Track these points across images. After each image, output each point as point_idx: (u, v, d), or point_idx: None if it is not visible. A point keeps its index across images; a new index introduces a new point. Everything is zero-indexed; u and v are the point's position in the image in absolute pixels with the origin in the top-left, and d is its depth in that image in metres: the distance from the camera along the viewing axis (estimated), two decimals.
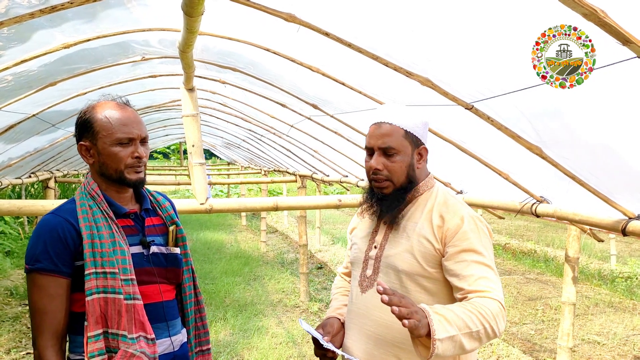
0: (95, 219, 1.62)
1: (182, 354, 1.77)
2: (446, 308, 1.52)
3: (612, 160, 2.28)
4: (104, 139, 1.65)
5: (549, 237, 11.82)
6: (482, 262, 1.64)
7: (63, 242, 1.59)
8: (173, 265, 1.78)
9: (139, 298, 1.61)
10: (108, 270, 1.57)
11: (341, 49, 2.43)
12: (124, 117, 1.67)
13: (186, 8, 1.85)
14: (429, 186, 1.81)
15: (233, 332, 5.71)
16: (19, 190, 11.30)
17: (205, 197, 3.13)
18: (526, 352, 5.36)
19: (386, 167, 1.74)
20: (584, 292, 7.46)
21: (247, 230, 13.36)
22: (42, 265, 1.56)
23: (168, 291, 1.77)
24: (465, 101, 2.46)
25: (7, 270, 7.86)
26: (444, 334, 1.44)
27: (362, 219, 1.94)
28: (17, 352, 5.14)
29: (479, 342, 1.54)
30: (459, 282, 1.64)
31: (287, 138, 6.41)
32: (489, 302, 1.56)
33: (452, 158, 3.31)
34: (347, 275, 2.09)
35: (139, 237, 1.73)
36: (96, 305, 1.55)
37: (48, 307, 1.56)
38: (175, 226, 1.83)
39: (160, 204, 1.85)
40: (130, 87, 4.51)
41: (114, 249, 1.60)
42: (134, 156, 1.68)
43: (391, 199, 1.77)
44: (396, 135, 1.74)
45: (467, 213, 1.72)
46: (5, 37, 2.34)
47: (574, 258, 3.95)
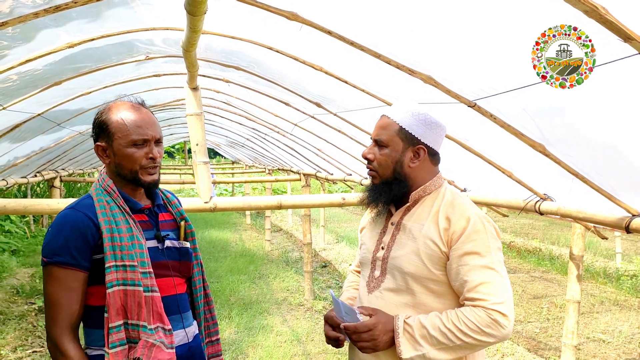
0: (113, 214, 1.66)
1: (196, 345, 1.82)
2: (422, 324, 1.63)
3: (615, 158, 2.28)
4: (119, 140, 1.69)
5: (554, 235, 11.78)
6: (485, 265, 1.62)
7: (83, 236, 1.61)
8: (185, 259, 1.83)
9: (156, 290, 1.65)
10: (127, 263, 1.61)
11: (344, 47, 2.44)
12: (139, 119, 1.70)
13: (189, 7, 1.86)
14: (436, 186, 1.80)
15: (238, 330, 5.73)
16: (25, 190, 11.36)
17: (209, 196, 3.14)
18: (531, 350, 5.35)
19: (376, 159, 1.78)
20: (589, 290, 7.44)
21: (252, 228, 13.38)
22: (61, 258, 1.59)
23: (181, 284, 1.81)
24: (468, 99, 2.46)
25: (13, 269, 7.90)
26: (411, 352, 1.61)
27: (371, 218, 1.94)
28: (24, 350, 5.17)
29: (462, 353, 1.63)
30: (459, 287, 1.65)
31: (290, 137, 6.42)
32: (477, 313, 1.58)
33: (455, 156, 3.31)
34: (359, 273, 2.09)
35: (154, 231, 1.77)
36: (117, 297, 1.58)
37: (64, 300, 1.59)
38: (185, 221, 1.88)
39: (169, 200, 1.91)
40: (134, 87, 4.54)
41: (132, 243, 1.64)
42: (149, 157, 1.71)
43: (377, 191, 1.80)
44: (390, 129, 1.76)
45: (474, 214, 1.69)
46: (10, 36, 2.36)
47: (578, 256, 3.94)
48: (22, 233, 9.89)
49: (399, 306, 1.72)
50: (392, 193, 1.78)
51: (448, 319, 1.61)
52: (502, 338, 1.60)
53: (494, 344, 1.65)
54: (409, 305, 1.71)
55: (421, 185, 1.78)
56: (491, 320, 1.57)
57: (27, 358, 5.00)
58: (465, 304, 1.63)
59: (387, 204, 1.82)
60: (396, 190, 1.77)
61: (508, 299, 1.61)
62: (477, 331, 1.57)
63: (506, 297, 1.60)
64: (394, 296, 1.74)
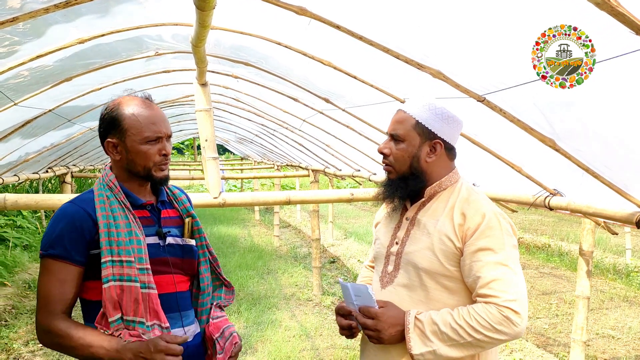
0: (112, 209, 1.66)
1: (196, 344, 1.79)
2: (433, 320, 1.61)
3: (626, 152, 2.26)
4: (132, 137, 1.68)
5: (564, 231, 11.72)
6: (499, 261, 1.60)
7: (79, 230, 1.62)
8: (189, 257, 1.81)
9: (153, 287, 1.63)
10: (124, 259, 1.60)
11: (352, 42, 2.43)
12: (152, 116, 1.70)
13: (198, 2, 1.87)
14: (452, 181, 1.78)
15: (247, 325, 5.76)
16: (36, 185, 11.46)
17: (218, 191, 3.15)
18: (540, 346, 5.34)
19: (392, 153, 1.77)
20: (599, 287, 7.40)
21: (260, 224, 13.42)
22: (54, 251, 1.60)
23: (182, 282, 1.79)
24: (477, 93, 2.45)
25: (25, 264, 7.98)
26: (421, 348, 1.60)
27: (386, 213, 1.93)
28: (35, 344, 5.23)
29: (473, 350, 1.61)
30: (472, 283, 1.64)
31: (299, 132, 6.42)
32: (489, 310, 1.57)
33: (464, 151, 3.29)
34: (373, 268, 2.09)
35: (155, 227, 1.75)
36: (112, 292, 1.58)
37: (54, 291, 1.59)
38: (191, 218, 1.85)
39: (176, 196, 1.88)
40: (144, 83, 4.55)
41: (130, 238, 1.63)
42: (162, 154, 1.72)
43: (394, 186, 1.79)
44: (406, 124, 1.74)
45: (489, 210, 1.68)
46: (21, 32, 2.37)
47: (588, 252, 3.92)
48: (33, 228, 9.97)
49: (412, 301, 1.71)
50: (409, 188, 1.77)
51: (459, 315, 1.60)
52: (515, 336, 1.58)
53: (506, 341, 1.64)
54: (422, 300, 1.70)
55: (437, 181, 1.77)
56: (503, 317, 1.55)
57: (39, 352, 5.06)
58: (477, 300, 1.62)
59: (403, 199, 1.81)
60: (412, 185, 1.76)
61: (521, 296, 1.59)
62: (489, 328, 1.56)
63: (519, 295, 1.58)
64: (407, 291, 1.73)
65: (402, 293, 1.74)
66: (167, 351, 1.49)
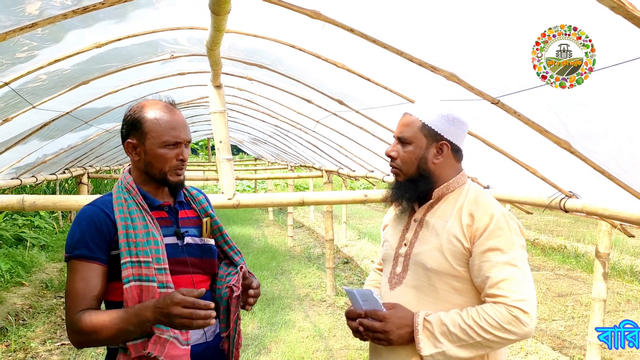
0: (129, 211, 1.69)
1: (215, 344, 1.81)
2: (442, 321, 1.62)
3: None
4: (152, 140, 1.71)
5: (580, 233, 11.60)
6: (507, 261, 1.61)
7: (99, 230, 1.65)
8: (208, 256, 1.83)
9: (171, 287, 1.65)
10: (142, 259, 1.63)
11: (366, 45, 2.44)
12: (173, 121, 1.73)
13: (213, 7, 1.89)
14: (460, 183, 1.79)
15: (261, 326, 5.79)
16: (54, 186, 11.61)
17: (233, 193, 3.18)
18: (555, 348, 5.30)
19: (399, 156, 1.78)
20: (615, 289, 7.32)
21: (274, 225, 13.46)
22: (79, 252, 1.63)
23: (202, 282, 1.81)
24: (491, 95, 2.44)
25: (42, 264, 8.10)
26: (431, 349, 1.61)
27: (394, 215, 1.94)
28: (52, 343, 5.30)
29: (482, 350, 1.61)
30: (481, 283, 1.64)
31: (313, 134, 6.44)
32: (498, 310, 1.57)
33: (479, 153, 3.29)
34: (381, 271, 2.10)
35: (173, 228, 1.78)
36: (133, 292, 1.61)
37: (81, 289, 1.62)
38: (209, 218, 1.88)
39: (194, 197, 1.91)
40: (159, 85, 4.60)
41: (147, 239, 1.66)
42: (179, 158, 1.74)
43: (402, 188, 1.80)
44: (413, 126, 1.76)
45: (497, 211, 1.68)
46: (40, 37, 2.42)
47: (604, 254, 3.89)
48: (50, 228, 10.11)
49: (420, 302, 1.72)
50: (417, 190, 1.78)
51: (468, 316, 1.61)
52: (524, 336, 1.58)
53: (515, 342, 1.64)
54: (431, 301, 1.71)
55: (445, 182, 1.78)
56: (512, 317, 1.56)
57: (56, 351, 5.13)
58: (486, 300, 1.62)
59: (411, 201, 1.82)
60: (421, 187, 1.77)
61: (530, 296, 1.59)
62: (498, 328, 1.56)
63: (528, 295, 1.59)
64: (416, 292, 1.74)
65: (410, 294, 1.75)
66: (182, 303, 1.50)
